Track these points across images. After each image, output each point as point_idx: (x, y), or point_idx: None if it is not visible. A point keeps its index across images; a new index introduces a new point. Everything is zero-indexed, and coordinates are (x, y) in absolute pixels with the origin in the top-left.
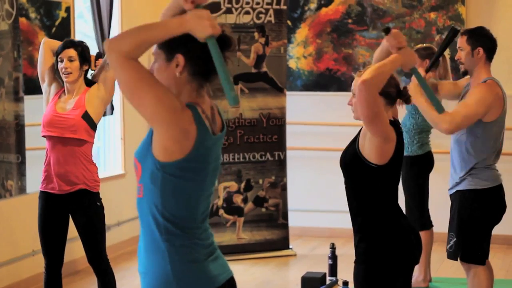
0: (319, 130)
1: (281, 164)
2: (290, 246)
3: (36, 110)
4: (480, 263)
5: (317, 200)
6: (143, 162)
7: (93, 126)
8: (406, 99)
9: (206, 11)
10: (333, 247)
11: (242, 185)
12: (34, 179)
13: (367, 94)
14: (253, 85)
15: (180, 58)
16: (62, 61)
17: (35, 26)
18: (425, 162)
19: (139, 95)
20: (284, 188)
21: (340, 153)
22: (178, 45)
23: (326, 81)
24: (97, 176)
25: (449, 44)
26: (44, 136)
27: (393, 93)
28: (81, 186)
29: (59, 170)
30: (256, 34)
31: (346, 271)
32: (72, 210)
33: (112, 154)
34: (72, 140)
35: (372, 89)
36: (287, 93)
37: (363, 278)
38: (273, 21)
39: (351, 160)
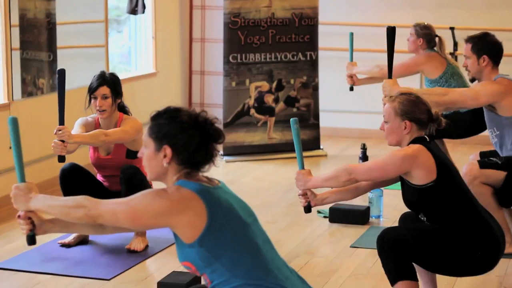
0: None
1: (313, 65)
2: (321, 147)
3: (67, 9)
4: None
5: (348, 101)
6: (189, 258)
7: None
8: (438, 124)
9: None
10: (364, 148)
11: (274, 84)
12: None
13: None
14: None
15: (167, 150)
16: (95, 98)
17: None
18: None
19: (141, 225)
20: (315, 88)
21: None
22: (166, 137)
23: None
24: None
25: (392, 45)
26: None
27: (424, 119)
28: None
29: (116, 187)
30: None
31: None
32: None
33: (144, 53)
34: None
35: None
36: None
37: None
38: None
39: (414, 196)
